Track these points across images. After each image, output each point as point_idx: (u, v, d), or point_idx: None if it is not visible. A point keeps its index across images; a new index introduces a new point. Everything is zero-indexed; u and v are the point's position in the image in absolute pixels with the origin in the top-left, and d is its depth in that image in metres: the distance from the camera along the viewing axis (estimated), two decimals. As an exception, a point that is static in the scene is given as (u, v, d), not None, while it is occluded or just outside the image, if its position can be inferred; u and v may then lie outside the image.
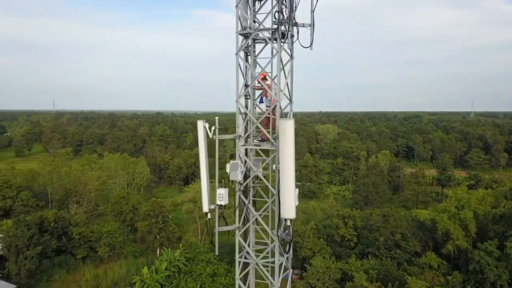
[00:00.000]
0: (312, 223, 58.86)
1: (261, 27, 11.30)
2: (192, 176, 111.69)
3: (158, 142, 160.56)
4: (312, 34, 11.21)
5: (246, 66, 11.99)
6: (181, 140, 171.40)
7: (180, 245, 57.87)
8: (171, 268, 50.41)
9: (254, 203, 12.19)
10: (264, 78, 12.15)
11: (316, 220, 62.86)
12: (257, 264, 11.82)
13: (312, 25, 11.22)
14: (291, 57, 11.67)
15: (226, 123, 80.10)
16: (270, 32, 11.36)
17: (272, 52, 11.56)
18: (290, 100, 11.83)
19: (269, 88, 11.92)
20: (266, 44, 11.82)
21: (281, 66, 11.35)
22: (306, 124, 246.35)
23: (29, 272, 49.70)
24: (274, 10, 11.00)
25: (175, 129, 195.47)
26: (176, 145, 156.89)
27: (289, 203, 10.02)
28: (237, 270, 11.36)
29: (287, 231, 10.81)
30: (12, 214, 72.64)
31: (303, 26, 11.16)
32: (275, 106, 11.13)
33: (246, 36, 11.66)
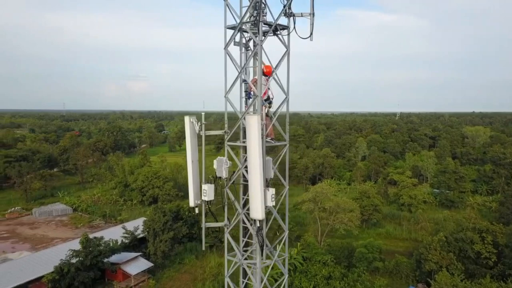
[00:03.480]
0: (441, 235, 53.44)
1: (245, 19, 10.46)
2: (319, 176, 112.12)
3: (289, 142, 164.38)
4: (312, 24, 10.10)
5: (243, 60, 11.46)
6: (313, 140, 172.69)
7: (298, 244, 58.32)
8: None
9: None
10: None
11: (446, 231, 56.80)
12: (257, 265, 11.34)
13: (312, 14, 10.08)
14: (287, 49, 10.71)
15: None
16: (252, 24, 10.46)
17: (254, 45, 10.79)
18: (286, 95, 11.01)
19: (254, 83, 11.01)
20: (264, 37, 10.86)
21: (264, 59, 10.64)
22: (452, 126, 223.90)
23: (164, 254, 56.20)
24: (254, 1, 10.07)
25: (308, 129, 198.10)
26: (307, 145, 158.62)
27: (256, 203, 9.35)
28: (226, 269, 11.12)
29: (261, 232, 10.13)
30: (159, 202, 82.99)
31: (301, 16, 10.11)
32: (270, 102, 10.49)
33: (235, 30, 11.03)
